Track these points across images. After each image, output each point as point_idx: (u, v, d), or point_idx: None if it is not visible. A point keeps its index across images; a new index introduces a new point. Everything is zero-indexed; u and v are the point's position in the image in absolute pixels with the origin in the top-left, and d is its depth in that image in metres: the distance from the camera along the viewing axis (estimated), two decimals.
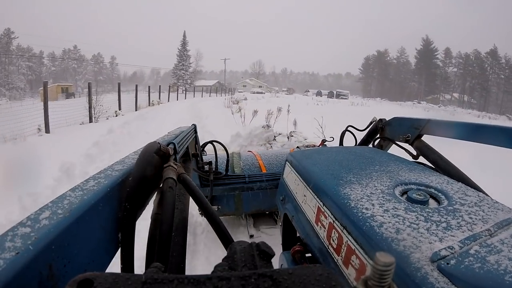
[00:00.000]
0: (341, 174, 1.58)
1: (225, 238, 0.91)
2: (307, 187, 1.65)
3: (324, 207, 1.42)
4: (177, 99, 33.48)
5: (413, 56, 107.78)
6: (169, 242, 0.79)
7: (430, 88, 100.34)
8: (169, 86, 33.62)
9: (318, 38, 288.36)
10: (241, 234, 3.72)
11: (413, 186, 1.39)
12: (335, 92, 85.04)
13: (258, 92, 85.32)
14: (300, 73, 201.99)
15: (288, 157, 2.16)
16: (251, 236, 3.65)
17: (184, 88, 71.30)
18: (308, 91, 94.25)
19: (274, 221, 3.95)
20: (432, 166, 2.07)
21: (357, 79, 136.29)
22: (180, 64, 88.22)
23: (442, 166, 2.01)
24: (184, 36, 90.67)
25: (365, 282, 0.41)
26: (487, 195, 1.39)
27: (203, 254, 3.24)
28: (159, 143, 1.03)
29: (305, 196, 1.68)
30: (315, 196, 1.54)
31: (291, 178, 1.98)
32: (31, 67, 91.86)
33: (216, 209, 3.37)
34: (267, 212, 3.97)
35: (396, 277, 0.84)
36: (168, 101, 29.62)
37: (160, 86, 30.07)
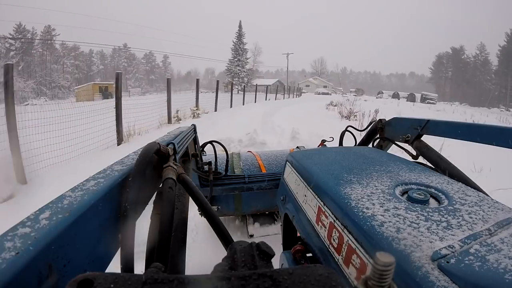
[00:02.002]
0: (341, 174, 1.58)
1: (225, 238, 0.91)
2: (308, 187, 1.65)
3: (325, 206, 1.42)
4: (231, 106, 20.49)
5: (494, 55, 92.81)
6: (168, 242, 0.79)
7: None
8: (217, 83, 18.87)
9: (378, 36, 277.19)
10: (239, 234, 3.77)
11: (413, 186, 1.39)
12: (419, 95, 70.50)
13: (323, 93, 76.27)
14: (361, 72, 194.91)
15: (288, 157, 2.15)
16: (251, 236, 3.67)
17: (240, 88, 61.81)
18: (382, 93, 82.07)
19: (274, 221, 3.93)
20: (432, 166, 2.08)
21: (426, 80, 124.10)
22: (236, 59, 73.66)
23: (442, 166, 2.03)
24: (240, 26, 74.93)
25: (365, 282, 0.41)
26: (487, 195, 1.39)
27: None
28: (158, 143, 1.02)
29: (305, 196, 1.68)
30: (316, 196, 1.54)
31: (291, 178, 1.98)
32: (78, 66, 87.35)
33: (216, 209, 3.39)
34: (267, 213, 3.96)
35: (397, 276, 0.84)
36: (215, 110, 17.26)
37: (198, 80, 15.71)
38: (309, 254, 1.72)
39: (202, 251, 3.19)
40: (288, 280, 0.37)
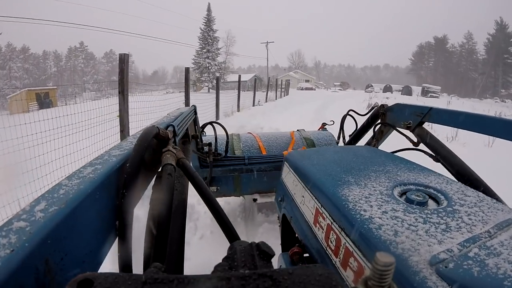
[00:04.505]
0: (339, 174, 1.58)
1: (220, 219, 0.90)
2: (305, 187, 1.65)
3: (322, 208, 1.41)
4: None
5: (481, 44, 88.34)
6: (167, 230, 0.78)
7: (503, 81, 78.87)
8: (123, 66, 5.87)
9: (351, 28, 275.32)
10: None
11: (412, 187, 1.38)
12: (415, 88, 60.08)
13: (307, 88, 69.06)
14: (335, 65, 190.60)
15: (286, 157, 2.15)
16: (255, 200, 3.72)
17: (210, 86, 52.18)
18: (372, 86, 73.45)
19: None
20: (433, 154, 2.12)
21: (404, 71, 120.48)
22: (204, 50, 59.03)
23: (443, 155, 2.03)
24: (209, 10, 60.25)
25: (365, 282, 0.41)
26: (487, 185, 1.50)
27: None
28: (157, 127, 1.01)
29: (303, 197, 1.68)
30: (313, 197, 1.53)
31: (289, 178, 1.97)
32: (28, 70, 77.86)
33: (215, 190, 3.44)
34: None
35: (394, 281, 0.73)
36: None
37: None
38: (307, 255, 1.71)
39: None
40: (288, 280, 0.37)
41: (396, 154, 2.12)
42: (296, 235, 1.85)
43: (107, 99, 8.31)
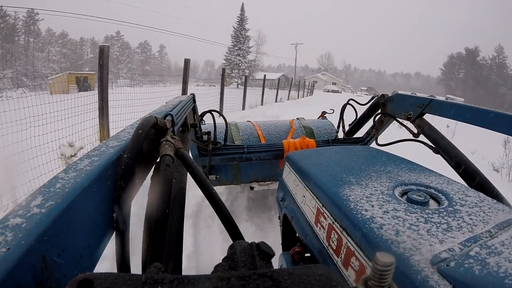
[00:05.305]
0: (340, 174, 1.58)
1: (216, 204, 0.90)
2: (307, 187, 1.65)
3: (324, 208, 1.41)
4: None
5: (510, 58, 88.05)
6: (165, 223, 0.77)
7: None
8: None
9: (384, 33, 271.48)
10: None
11: (413, 187, 1.38)
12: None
13: (333, 91, 69.81)
14: (365, 70, 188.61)
15: (287, 157, 2.14)
16: (252, 188, 3.81)
17: (240, 81, 53.73)
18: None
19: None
20: (432, 146, 2.12)
21: (434, 81, 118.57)
22: (236, 47, 63.06)
23: (442, 146, 2.02)
24: (242, 9, 64.20)
25: (365, 282, 0.41)
26: (485, 177, 1.52)
27: None
28: (155, 117, 1.01)
29: (304, 196, 1.68)
30: (314, 197, 1.53)
31: (290, 178, 1.97)
32: (66, 54, 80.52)
33: (214, 179, 3.50)
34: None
35: (396, 280, 0.80)
36: None
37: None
38: (308, 255, 1.71)
39: None
40: (288, 280, 0.37)
41: (397, 148, 2.15)
42: (297, 235, 1.85)
43: (140, 87, 9.69)
